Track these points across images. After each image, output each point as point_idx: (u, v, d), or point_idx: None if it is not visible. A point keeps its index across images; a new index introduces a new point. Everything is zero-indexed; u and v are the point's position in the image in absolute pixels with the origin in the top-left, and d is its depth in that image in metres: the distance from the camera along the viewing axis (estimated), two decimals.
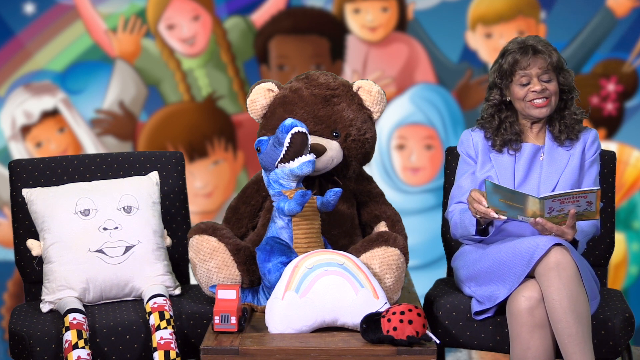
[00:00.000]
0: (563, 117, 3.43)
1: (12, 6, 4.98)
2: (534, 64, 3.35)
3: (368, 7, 5.07)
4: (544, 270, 3.12)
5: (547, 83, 3.36)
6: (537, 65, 3.35)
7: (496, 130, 3.45)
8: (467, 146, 3.50)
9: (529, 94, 3.36)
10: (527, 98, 3.37)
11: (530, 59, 3.35)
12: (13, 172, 3.60)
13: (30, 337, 3.22)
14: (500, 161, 3.44)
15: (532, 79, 3.35)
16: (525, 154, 3.43)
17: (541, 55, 3.35)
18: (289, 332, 3.10)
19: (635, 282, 5.06)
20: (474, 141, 3.49)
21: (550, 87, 3.36)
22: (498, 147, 3.44)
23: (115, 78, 5.06)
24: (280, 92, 3.52)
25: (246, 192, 3.59)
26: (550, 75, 3.36)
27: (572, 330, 3.07)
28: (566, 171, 3.40)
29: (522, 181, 3.42)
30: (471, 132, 3.51)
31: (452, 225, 3.44)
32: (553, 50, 3.38)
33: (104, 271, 3.37)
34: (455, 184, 3.52)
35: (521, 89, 3.37)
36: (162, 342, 3.15)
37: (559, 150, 3.43)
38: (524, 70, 3.36)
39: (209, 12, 5.06)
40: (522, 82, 3.36)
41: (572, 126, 3.42)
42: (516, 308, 3.15)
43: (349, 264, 3.14)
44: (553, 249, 3.13)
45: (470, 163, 3.49)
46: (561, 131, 3.42)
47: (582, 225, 3.31)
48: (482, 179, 3.41)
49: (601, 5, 4.98)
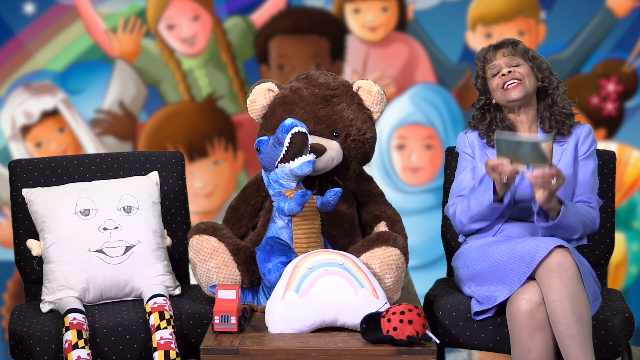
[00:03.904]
0: (553, 113, 3.46)
1: (12, 6, 4.98)
2: (498, 54, 3.46)
3: (368, 7, 5.07)
4: (545, 272, 3.12)
5: (515, 67, 3.43)
6: (501, 54, 3.46)
7: (488, 127, 3.48)
8: (463, 145, 3.53)
9: (500, 81, 3.43)
10: (499, 85, 3.44)
11: (493, 51, 3.47)
12: (13, 172, 3.60)
13: (30, 337, 3.22)
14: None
15: (501, 68, 3.44)
16: None
17: (503, 46, 3.47)
18: (289, 332, 3.10)
19: (635, 282, 5.06)
20: (470, 140, 3.52)
21: (519, 70, 3.42)
22: (493, 143, 3.45)
23: (115, 78, 5.06)
24: (280, 92, 3.52)
25: (246, 192, 3.59)
26: (518, 60, 3.44)
27: (573, 331, 3.07)
28: (559, 166, 3.40)
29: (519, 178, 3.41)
30: (465, 134, 3.55)
31: (458, 213, 3.43)
32: (518, 41, 3.48)
33: (104, 271, 3.37)
34: (456, 180, 3.53)
35: (494, 79, 3.45)
36: (162, 342, 3.15)
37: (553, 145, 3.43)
38: (491, 63, 3.46)
39: (209, 12, 5.06)
40: (493, 72, 3.45)
41: (563, 121, 3.45)
42: (516, 311, 3.15)
43: (349, 264, 3.14)
44: (554, 251, 3.13)
45: (468, 159, 3.52)
46: (552, 127, 3.44)
47: (579, 207, 3.33)
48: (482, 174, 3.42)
49: (601, 5, 4.98)
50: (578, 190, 3.43)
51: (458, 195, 3.48)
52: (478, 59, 3.50)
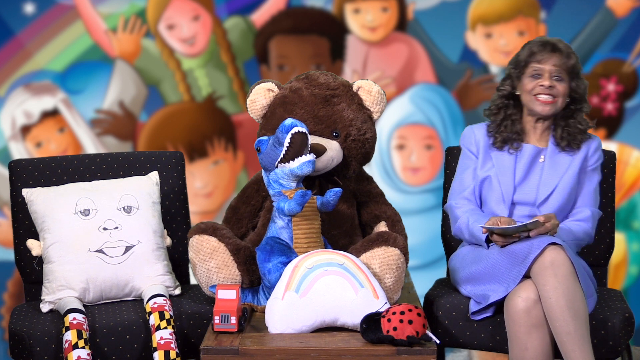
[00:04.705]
0: (567, 125, 3.43)
1: (12, 6, 4.98)
2: (550, 59, 3.37)
3: (368, 7, 5.07)
4: (539, 269, 3.13)
5: (558, 82, 3.36)
6: (552, 62, 3.36)
7: (498, 126, 3.46)
8: (468, 142, 3.52)
9: (537, 88, 3.37)
10: (534, 91, 3.38)
11: (547, 54, 3.37)
12: (13, 172, 3.60)
13: (30, 337, 3.22)
14: (500, 160, 3.45)
15: (544, 74, 3.36)
16: (526, 154, 3.44)
17: (559, 54, 3.37)
18: (289, 332, 3.10)
19: (635, 282, 5.06)
20: (476, 138, 3.50)
21: (559, 87, 3.37)
22: (499, 144, 3.45)
23: (115, 78, 5.06)
24: (280, 92, 3.52)
25: (246, 192, 3.59)
26: (563, 75, 3.37)
27: (570, 328, 3.07)
28: (566, 176, 3.40)
29: (521, 181, 3.42)
30: (474, 128, 3.53)
31: (456, 227, 3.45)
32: (572, 54, 3.39)
33: (104, 271, 3.37)
34: (457, 178, 3.52)
35: (531, 81, 3.38)
36: (162, 342, 3.15)
37: (561, 154, 3.43)
38: (538, 64, 3.37)
39: (209, 12, 5.06)
40: (533, 74, 3.37)
41: (575, 135, 3.42)
42: (513, 309, 3.15)
43: (349, 264, 3.14)
44: (548, 248, 3.14)
45: (472, 158, 3.51)
46: (562, 138, 3.42)
47: (574, 229, 3.34)
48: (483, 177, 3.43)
49: (601, 5, 4.98)
50: (579, 201, 3.43)
51: (461, 197, 3.47)
52: (528, 51, 3.39)
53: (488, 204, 3.45)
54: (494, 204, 3.43)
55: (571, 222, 3.39)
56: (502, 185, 3.41)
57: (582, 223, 3.40)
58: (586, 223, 3.40)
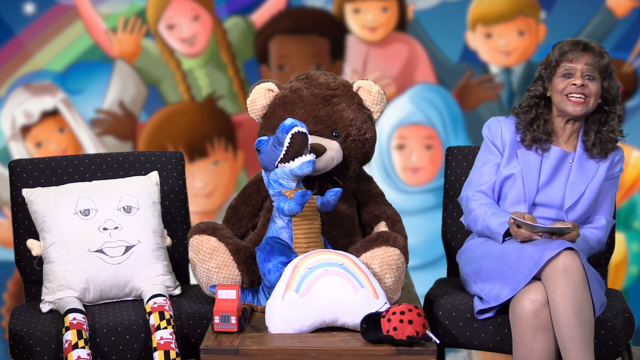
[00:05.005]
0: (600, 132, 3.39)
1: (12, 6, 4.98)
2: (581, 58, 3.32)
3: (368, 7, 5.07)
4: (551, 273, 3.11)
5: (590, 81, 3.31)
6: (583, 61, 3.31)
7: (529, 125, 3.40)
8: (494, 135, 3.45)
9: (568, 87, 3.32)
10: (565, 91, 3.33)
11: (579, 52, 3.32)
12: (13, 172, 3.60)
13: (30, 337, 3.22)
14: (527, 159, 3.40)
15: (576, 73, 3.32)
16: (553, 156, 3.39)
17: (591, 52, 3.32)
18: (289, 332, 3.10)
19: (635, 282, 5.06)
20: (503, 132, 3.44)
21: (591, 86, 3.32)
22: (527, 143, 3.39)
23: (115, 78, 5.06)
24: (280, 92, 3.52)
25: (246, 192, 3.59)
26: (595, 75, 3.31)
27: (575, 334, 3.06)
28: (593, 182, 3.38)
29: (546, 183, 3.38)
30: (501, 121, 3.46)
31: (471, 218, 3.40)
32: (605, 53, 3.34)
33: (104, 271, 3.37)
34: (477, 170, 3.47)
35: (562, 80, 3.33)
36: (162, 342, 3.15)
37: (590, 160, 3.39)
38: (569, 63, 3.32)
39: (209, 12, 5.06)
40: (564, 73, 3.32)
41: (606, 143, 3.39)
42: (520, 310, 3.14)
43: (349, 264, 3.14)
44: (563, 253, 3.11)
45: (495, 153, 3.45)
46: (594, 145, 3.38)
47: (589, 237, 3.33)
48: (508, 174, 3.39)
49: (601, 5, 4.98)
50: (598, 209, 3.41)
51: (477, 190, 3.44)
52: (559, 50, 3.34)
53: (507, 201, 3.41)
54: (514, 202, 3.38)
55: (587, 229, 3.38)
56: (526, 185, 3.37)
57: (596, 231, 3.38)
58: (600, 231, 3.39)
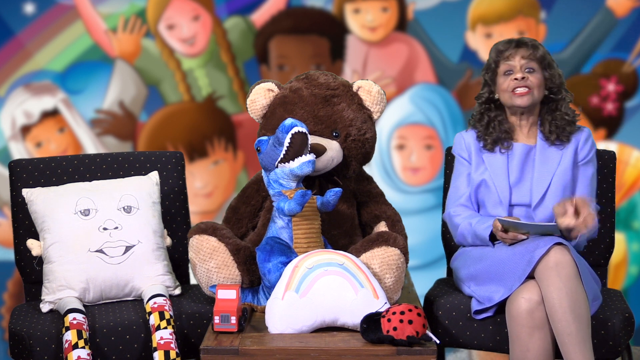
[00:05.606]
0: (554, 118, 3.45)
1: (12, 6, 4.98)
2: (517, 53, 3.41)
3: (368, 7, 5.07)
4: (543, 270, 3.13)
5: (530, 74, 3.39)
6: (519, 55, 3.40)
7: (485, 129, 3.48)
8: (459, 148, 3.53)
9: (512, 83, 3.40)
10: (509, 87, 3.40)
11: (513, 49, 3.42)
12: (13, 172, 3.60)
13: (30, 337, 3.22)
14: (493, 162, 3.45)
15: (515, 69, 3.40)
16: (518, 153, 3.44)
17: (524, 46, 3.42)
18: (289, 332, 3.10)
19: (635, 282, 5.06)
20: (467, 143, 3.52)
21: (532, 78, 3.39)
22: (489, 147, 3.46)
23: (115, 78, 5.06)
24: (280, 92, 3.52)
25: (246, 192, 3.59)
26: (534, 66, 3.40)
27: (572, 329, 3.07)
28: (558, 171, 3.40)
29: (517, 182, 3.42)
30: (463, 134, 3.55)
31: (459, 234, 3.45)
32: (539, 45, 3.43)
33: (104, 271, 3.37)
34: (452, 185, 3.54)
35: (505, 79, 3.42)
36: (162, 342, 3.15)
37: (551, 149, 3.43)
38: (507, 61, 3.41)
39: (209, 12, 5.06)
40: (505, 71, 3.41)
41: (563, 127, 3.44)
42: (516, 310, 3.15)
43: (349, 264, 3.14)
44: (553, 249, 3.13)
45: (465, 164, 3.51)
46: (551, 131, 3.44)
47: None
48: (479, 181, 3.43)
49: (601, 5, 4.98)
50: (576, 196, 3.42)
51: (458, 204, 3.47)
52: (495, 51, 3.45)
53: (486, 207, 3.44)
54: (492, 207, 3.42)
55: None
56: (497, 187, 3.42)
57: None
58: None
